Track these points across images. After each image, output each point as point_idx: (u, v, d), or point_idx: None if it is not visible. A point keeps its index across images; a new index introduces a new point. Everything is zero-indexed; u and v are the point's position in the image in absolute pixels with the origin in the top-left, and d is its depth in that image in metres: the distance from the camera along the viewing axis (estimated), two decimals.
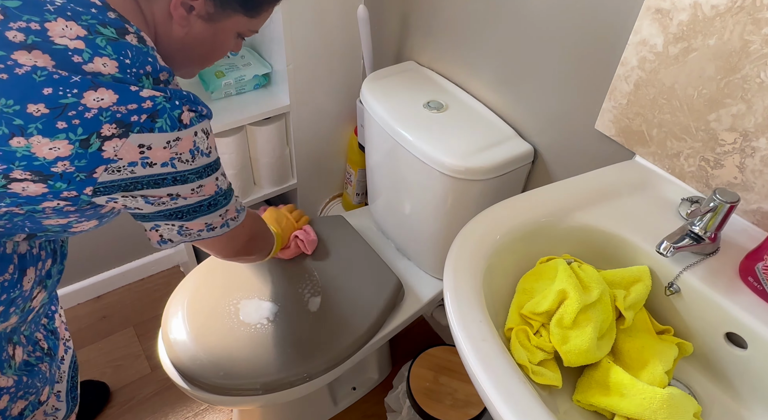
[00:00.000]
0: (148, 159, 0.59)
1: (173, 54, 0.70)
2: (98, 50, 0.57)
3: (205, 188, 0.68)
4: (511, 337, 0.69)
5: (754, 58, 0.66)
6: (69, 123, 0.55)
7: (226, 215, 0.75)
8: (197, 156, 0.64)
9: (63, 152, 0.56)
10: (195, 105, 0.63)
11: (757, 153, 0.70)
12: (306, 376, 1.02)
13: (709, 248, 0.71)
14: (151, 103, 0.58)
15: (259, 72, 1.39)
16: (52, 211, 0.61)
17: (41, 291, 0.74)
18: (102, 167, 0.58)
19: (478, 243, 0.72)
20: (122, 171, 0.59)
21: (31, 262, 0.71)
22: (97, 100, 0.56)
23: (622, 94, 0.84)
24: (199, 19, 0.67)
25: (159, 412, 1.41)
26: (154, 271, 1.75)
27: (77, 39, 0.56)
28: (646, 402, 0.63)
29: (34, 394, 0.77)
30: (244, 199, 1.53)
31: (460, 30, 1.13)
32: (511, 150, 1.03)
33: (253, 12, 0.71)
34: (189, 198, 0.67)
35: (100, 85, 0.56)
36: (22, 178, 0.56)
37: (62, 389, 0.85)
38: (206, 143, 0.65)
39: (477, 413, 1.13)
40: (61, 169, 0.57)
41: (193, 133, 0.62)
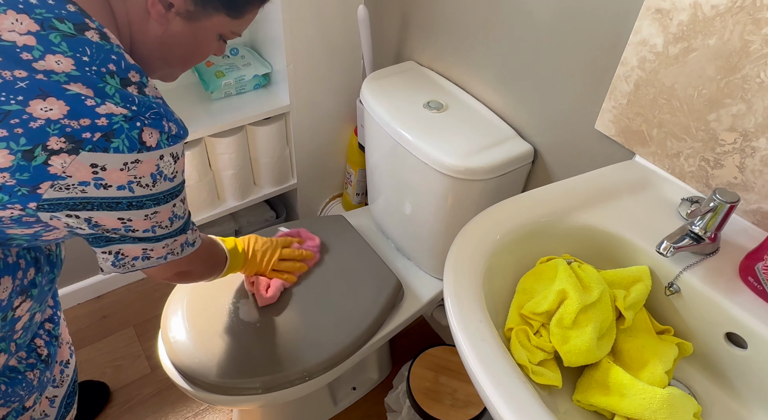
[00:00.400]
0: (102, 180, 0.54)
1: (150, 54, 0.66)
2: (51, 47, 0.52)
3: (160, 215, 0.63)
4: (511, 337, 0.69)
5: (754, 58, 0.66)
6: (10, 131, 0.50)
7: (171, 246, 0.70)
8: (159, 181, 0.59)
9: (3, 163, 0.51)
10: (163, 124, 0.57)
11: (757, 153, 0.70)
12: (306, 376, 1.02)
13: (709, 248, 0.71)
14: (107, 121, 0.53)
15: (259, 72, 1.39)
16: (11, 221, 0.57)
17: (26, 300, 0.70)
18: (47, 183, 0.53)
19: (478, 243, 0.72)
20: (71, 189, 0.54)
21: (5, 271, 0.67)
22: (44, 110, 0.51)
23: (622, 94, 0.84)
24: (178, 17, 0.64)
25: (159, 412, 1.41)
26: None
27: (28, 34, 0.52)
28: (646, 402, 0.63)
29: (18, 402, 0.75)
30: (244, 198, 1.53)
31: (460, 30, 1.13)
32: (511, 150, 1.03)
33: (235, 12, 0.67)
34: (140, 225, 0.62)
35: (49, 95, 0.51)
36: None
37: (60, 394, 0.83)
38: (172, 168, 0.60)
39: (477, 413, 1.13)
40: (1, 181, 0.52)
41: (158, 156, 0.57)
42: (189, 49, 0.68)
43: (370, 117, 1.17)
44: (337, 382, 1.41)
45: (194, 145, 1.33)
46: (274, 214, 1.75)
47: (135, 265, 0.69)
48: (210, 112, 1.35)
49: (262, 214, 1.73)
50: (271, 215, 1.74)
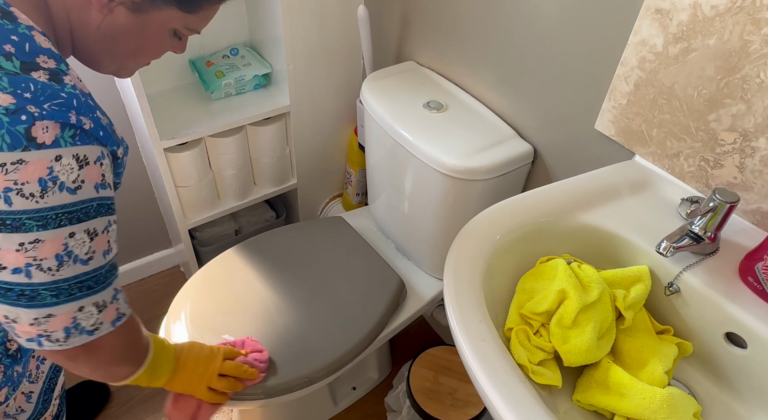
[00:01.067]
0: None
1: (93, 46, 0.61)
2: None
3: (41, 248, 0.47)
4: (511, 337, 0.69)
5: (753, 58, 0.66)
6: None
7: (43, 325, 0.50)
8: (51, 190, 0.46)
9: None
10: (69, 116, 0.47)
11: (756, 153, 0.70)
12: (307, 381, 1.02)
13: (709, 248, 0.71)
14: None
15: (259, 72, 1.39)
16: None
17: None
18: None
19: (478, 243, 0.72)
20: None
21: None
22: None
23: (621, 94, 0.84)
24: (122, 8, 0.58)
25: (159, 412, 1.41)
26: (154, 271, 1.75)
27: None
28: (646, 402, 0.63)
29: None
30: (244, 198, 1.53)
31: (460, 30, 1.13)
32: (511, 150, 1.03)
33: (188, 6, 0.61)
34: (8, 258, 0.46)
35: None
36: None
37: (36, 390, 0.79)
38: (74, 175, 0.47)
39: (477, 413, 1.13)
40: None
41: (54, 156, 0.46)
42: (136, 43, 0.62)
43: (370, 117, 1.17)
44: (337, 382, 1.41)
45: (194, 145, 1.33)
46: (274, 214, 1.75)
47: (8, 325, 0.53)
48: (210, 112, 1.35)
49: (262, 214, 1.74)
50: (271, 215, 1.75)
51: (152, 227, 1.68)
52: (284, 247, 1.24)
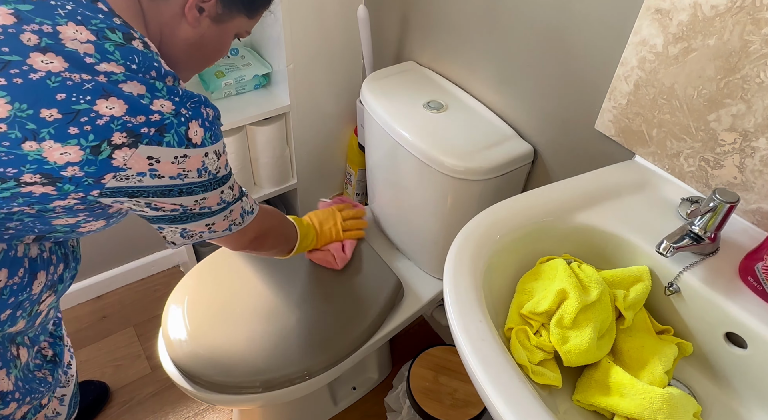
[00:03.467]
0: (157, 171, 0.60)
1: (178, 56, 0.70)
2: (106, 55, 0.57)
3: (209, 200, 0.69)
4: (511, 337, 0.69)
5: (753, 58, 0.66)
6: (81, 129, 0.55)
7: (230, 217, 0.75)
8: (204, 175, 0.65)
9: (74, 158, 0.56)
10: (201, 111, 0.63)
11: (756, 153, 0.70)
12: (306, 375, 1.02)
13: (709, 248, 0.71)
14: (159, 117, 0.58)
15: (259, 72, 1.39)
16: (62, 210, 0.62)
17: (51, 295, 0.74)
18: (111, 174, 0.58)
19: (478, 243, 0.72)
20: (131, 179, 0.60)
21: (42, 266, 0.71)
22: (109, 108, 0.56)
23: (621, 94, 0.84)
24: (208, 20, 0.68)
25: (159, 412, 1.41)
26: (154, 271, 1.75)
27: (87, 43, 0.57)
28: (646, 402, 0.63)
29: (39, 398, 0.77)
30: None
31: (460, 30, 1.13)
32: (511, 150, 1.03)
33: (253, 12, 0.72)
34: (192, 207, 0.68)
35: (111, 94, 0.56)
36: (32, 181, 0.57)
37: (68, 393, 0.86)
38: (216, 164, 0.66)
39: (477, 413, 1.13)
40: (71, 173, 0.57)
41: (204, 153, 0.63)
42: (213, 49, 0.73)
43: (370, 117, 1.17)
44: (337, 382, 1.41)
45: None
46: None
47: (203, 237, 0.75)
48: None
49: None
50: None
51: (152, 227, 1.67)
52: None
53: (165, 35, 0.68)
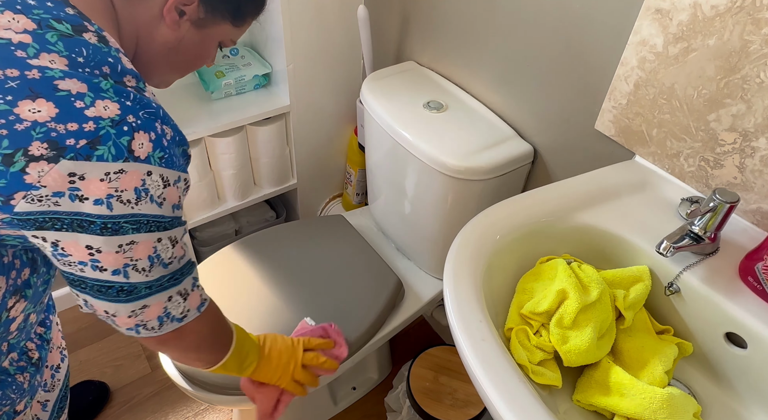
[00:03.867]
0: (79, 190, 0.50)
1: (156, 59, 0.66)
2: (47, 46, 0.51)
3: (137, 248, 0.55)
4: (511, 337, 0.69)
5: (753, 58, 0.66)
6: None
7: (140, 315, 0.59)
8: (144, 200, 0.53)
9: None
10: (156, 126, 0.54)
11: (756, 153, 0.70)
12: None
13: (709, 248, 0.71)
14: (94, 126, 0.50)
15: (259, 72, 1.39)
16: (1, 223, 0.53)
17: (19, 300, 0.68)
18: (21, 193, 0.49)
19: (478, 243, 0.72)
20: (44, 201, 0.50)
21: (1, 271, 0.63)
22: (33, 111, 0.48)
23: (622, 94, 0.84)
24: (189, 24, 0.65)
25: (159, 412, 1.41)
26: None
27: (24, 32, 0.51)
28: (646, 402, 0.63)
29: (9, 405, 0.73)
30: (244, 198, 1.53)
31: (460, 30, 1.13)
32: (511, 150, 1.03)
33: (239, 21, 0.69)
34: (109, 260, 0.54)
35: (39, 95, 0.49)
36: None
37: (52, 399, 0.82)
38: (160, 191, 0.55)
39: (477, 413, 1.13)
40: None
41: (146, 171, 0.53)
42: (193, 56, 0.69)
43: (370, 117, 1.17)
44: (337, 382, 1.41)
45: (194, 145, 1.33)
46: (274, 214, 1.75)
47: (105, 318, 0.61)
48: (210, 112, 1.35)
49: (262, 214, 1.74)
50: (271, 215, 1.75)
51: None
52: (283, 245, 1.24)
53: (141, 38, 0.63)
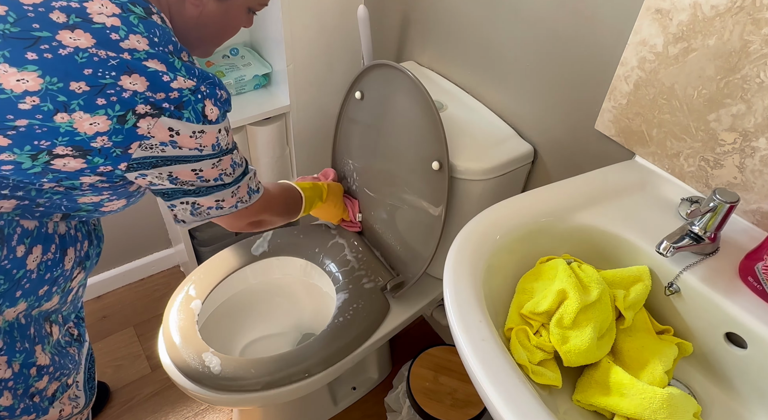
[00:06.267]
0: (177, 143, 0.63)
1: (187, 34, 0.72)
2: (132, 28, 0.60)
3: (223, 162, 0.71)
4: (511, 337, 0.69)
5: (753, 58, 0.66)
6: (108, 100, 0.58)
7: (238, 194, 0.77)
8: (217, 149, 0.69)
9: (102, 127, 0.59)
10: (217, 92, 0.66)
11: (756, 153, 0.70)
12: (305, 373, 1.02)
13: (709, 248, 0.71)
14: (178, 94, 0.61)
15: (259, 72, 1.39)
16: (89, 187, 0.65)
17: (80, 271, 0.77)
18: (137, 143, 0.61)
19: (478, 243, 0.72)
20: (154, 149, 0.63)
21: (70, 243, 0.74)
22: (132, 84, 0.59)
23: (621, 94, 0.84)
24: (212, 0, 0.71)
25: (159, 412, 1.41)
26: (154, 271, 1.75)
27: (113, 16, 0.60)
28: (646, 402, 0.63)
29: (66, 377, 0.80)
30: None
31: (460, 30, 1.13)
32: (511, 150, 1.03)
33: None
34: (210, 174, 0.70)
35: (134, 71, 0.59)
36: (63, 153, 0.60)
37: (80, 379, 0.88)
38: (226, 140, 0.70)
39: (477, 413, 1.13)
40: (100, 144, 0.60)
41: (217, 130, 0.67)
42: (222, 26, 0.75)
43: None
44: (337, 382, 1.41)
45: None
46: None
47: (210, 214, 0.77)
48: None
49: None
50: None
51: (152, 227, 1.67)
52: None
53: (173, 14, 0.70)
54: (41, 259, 0.69)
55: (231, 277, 1.17)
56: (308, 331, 1.29)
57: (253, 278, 1.21)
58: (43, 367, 0.74)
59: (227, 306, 1.17)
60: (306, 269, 1.24)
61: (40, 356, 0.74)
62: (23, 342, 0.71)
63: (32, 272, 0.69)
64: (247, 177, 0.79)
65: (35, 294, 0.70)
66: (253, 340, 1.25)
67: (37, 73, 0.56)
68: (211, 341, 1.05)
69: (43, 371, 0.74)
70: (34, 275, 0.69)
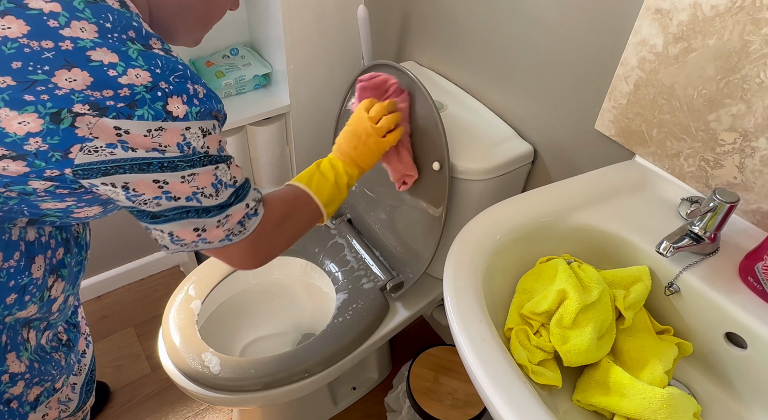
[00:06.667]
0: (127, 143, 0.54)
1: (170, 19, 0.67)
2: (75, 13, 0.53)
3: (199, 178, 0.60)
4: (511, 337, 0.69)
5: (753, 58, 0.66)
6: (37, 97, 0.51)
7: (226, 224, 0.65)
8: (187, 150, 0.58)
9: (33, 127, 0.52)
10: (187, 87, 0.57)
11: (756, 153, 0.70)
12: (305, 373, 1.02)
13: (709, 248, 0.71)
14: (129, 92, 0.53)
15: (259, 72, 1.39)
16: (45, 193, 0.58)
17: (57, 280, 0.72)
18: (77, 146, 0.53)
19: (478, 243, 0.72)
20: (100, 152, 0.54)
21: (39, 250, 0.69)
22: (69, 80, 0.52)
23: (621, 94, 0.84)
24: None
25: (159, 412, 1.41)
26: (154, 271, 1.75)
27: (53, 1, 0.53)
28: (646, 402, 0.63)
29: (50, 382, 0.77)
30: None
31: (460, 30, 1.13)
32: (511, 150, 1.03)
33: None
34: (179, 190, 0.59)
35: (74, 65, 0.52)
36: (1, 154, 0.53)
37: (79, 382, 0.86)
38: (202, 142, 0.59)
39: (477, 413, 1.13)
40: (34, 146, 0.53)
41: (184, 127, 0.57)
42: (206, 8, 0.69)
43: None
44: (337, 382, 1.41)
45: None
46: None
47: (199, 247, 0.66)
48: None
49: None
50: None
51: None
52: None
53: (152, 3, 0.64)
54: (2, 266, 0.64)
55: (231, 277, 1.17)
56: (308, 331, 1.29)
57: (253, 278, 1.21)
58: (17, 373, 0.71)
59: (227, 306, 1.17)
60: (306, 269, 1.24)
61: (12, 364, 0.70)
62: None
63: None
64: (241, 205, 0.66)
65: (2, 302, 0.65)
66: (253, 340, 1.25)
67: None
68: (211, 341, 1.05)
69: (17, 378, 0.71)
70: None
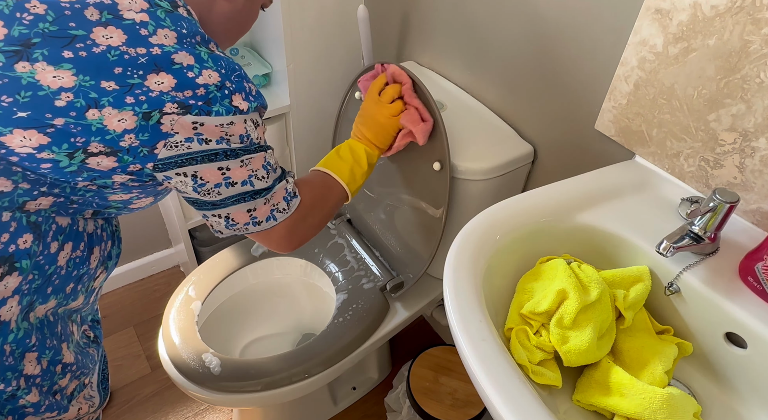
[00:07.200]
0: (203, 135, 0.63)
1: (215, 30, 0.74)
2: (160, 22, 0.62)
3: (254, 161, 0.70)
4: (511, 337, 0.69)
5: (753, 58, 0.66)
6: (136, 99, 0.60)
7: (272, 200, 0.73)
8: (246, 141, 0.68)
9: (129, 124, 0.60)
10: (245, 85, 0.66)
11: (756, 153, 0.70)
12: (305, 374, 1.02)
13: (709, 248, 0.71)
14: (204, 91, 0.62)
15: (259, 72, 1.39)
16: (120, 185, 0.67)
17: (103, 271, 0.78)
18: (162, 142, 0.62)
19: (478, 243, 0.72)
20: (179, 146, 0.63)
21: (96, 242, 0.75)
22: (158, 83, 0.60)
23: (621, 94, 0.84)
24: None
25: (159, 412, 1.41)
26: (154, 271, 1.75)
27: (141, 12, 0.61)
28: (646, 402, 0.63)
29: (86, 376, 0.81)
30: None
31: (460, 30, 1.13)
32: (511, 150, 1.03)
33: None
34: (238, 174, 0.69)
35: (161, 69, 0.60)
36: (97, 151, 0.61)
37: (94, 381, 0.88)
38: (256, 133, 0.69)
39: (477, 413, 1.13)
40: (128, 142, 0.61)
41: (244, 120, 0.66)
42: (245, 21, 0.77)
43: None
44: (337, 382, 1.41)
45: None
46: None
47: (249, 230, 0.74)
48: None
49: None
50: None
51: (152, 227, 1.68)
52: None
53: (202, 13, 0.71)
54: (70, 256, 0.70)
55: (231, 277, 1.17)
56: (308, 331, 1.29)
57: (253, 278, 1.21)
58: (67, 364, 0.75)
59: (227, 306, 1.17)
60: (306, 269, 1.24)
61: (66, 354, 0.75)
62: (52, 339, 0.72)
63: (62, 269, 0.70)
64: (283, 183, 0.75)
65: (63, 291, 0.71)
66: (253, 340, 1.25)
67: (72, 70, 0.58)
68: (211, 342, 1.05)
69: (67, 369, 0.75)
70: (63, 272, 0.70)
